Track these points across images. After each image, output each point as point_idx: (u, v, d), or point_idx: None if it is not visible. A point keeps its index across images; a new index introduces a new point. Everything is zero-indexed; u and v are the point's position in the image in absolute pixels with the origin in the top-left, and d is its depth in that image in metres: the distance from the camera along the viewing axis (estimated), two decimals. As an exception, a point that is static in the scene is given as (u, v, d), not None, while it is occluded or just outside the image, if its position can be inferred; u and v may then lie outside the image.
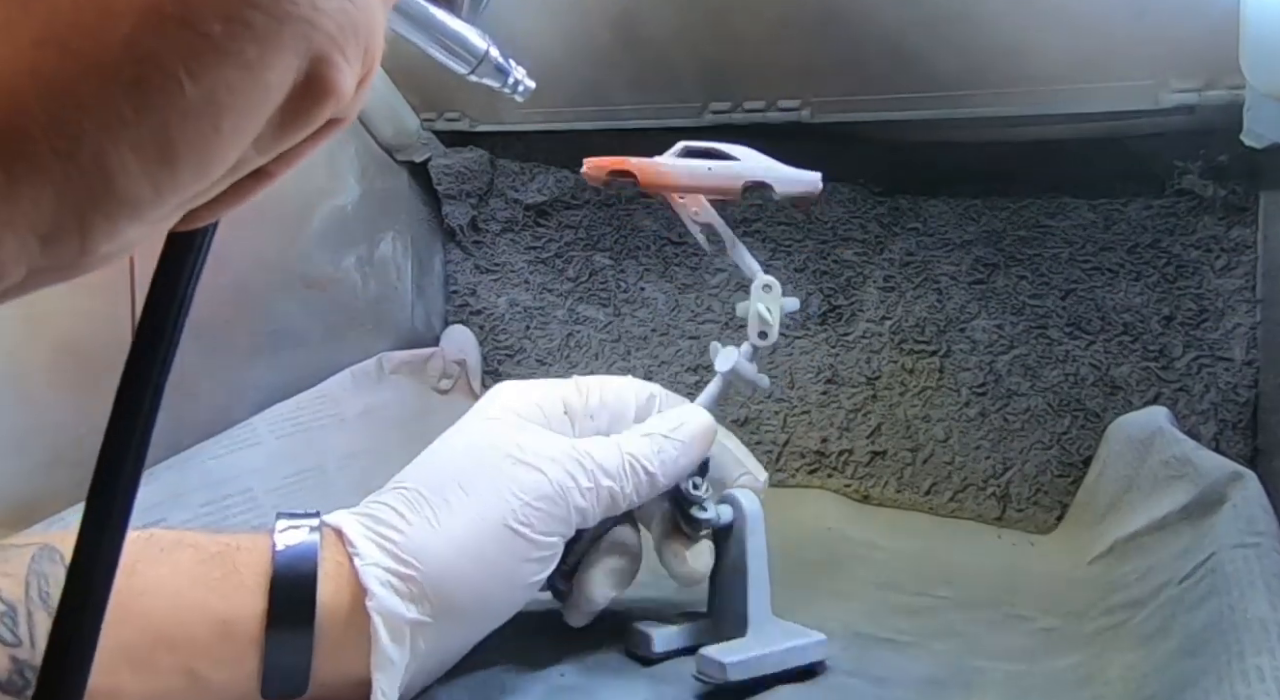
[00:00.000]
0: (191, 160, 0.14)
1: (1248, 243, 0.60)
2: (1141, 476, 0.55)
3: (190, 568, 0.36)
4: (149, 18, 0.13)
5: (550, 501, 0.41)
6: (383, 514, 0.40)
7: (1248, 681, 0.34)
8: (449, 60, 0.32)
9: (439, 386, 0.75)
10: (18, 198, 0.13)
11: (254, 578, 0.37)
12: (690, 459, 0.46)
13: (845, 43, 0.60)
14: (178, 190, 0.14)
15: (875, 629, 0.49)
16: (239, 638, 0.36)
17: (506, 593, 0.42)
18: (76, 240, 0.14)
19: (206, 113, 0.14)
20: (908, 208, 0.70)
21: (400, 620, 0.38)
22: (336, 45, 0.15)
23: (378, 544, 0.39)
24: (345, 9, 0.15)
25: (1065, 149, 0.65)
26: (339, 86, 0.15)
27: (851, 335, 0.70)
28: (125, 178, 0.14)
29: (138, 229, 0.15)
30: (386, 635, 0.37)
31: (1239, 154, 0.56)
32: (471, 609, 0.40)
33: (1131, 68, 0.56)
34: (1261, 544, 0.43)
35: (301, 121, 0.16)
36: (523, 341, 0.80)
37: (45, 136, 0.13)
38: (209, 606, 0.35)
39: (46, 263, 0.14)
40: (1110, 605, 0.49)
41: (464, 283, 0.82)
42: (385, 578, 0.38)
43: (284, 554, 0.37)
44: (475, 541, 0.40)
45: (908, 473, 0.67)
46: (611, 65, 0.66)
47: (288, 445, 0.63)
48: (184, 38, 0.13)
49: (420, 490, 0.41)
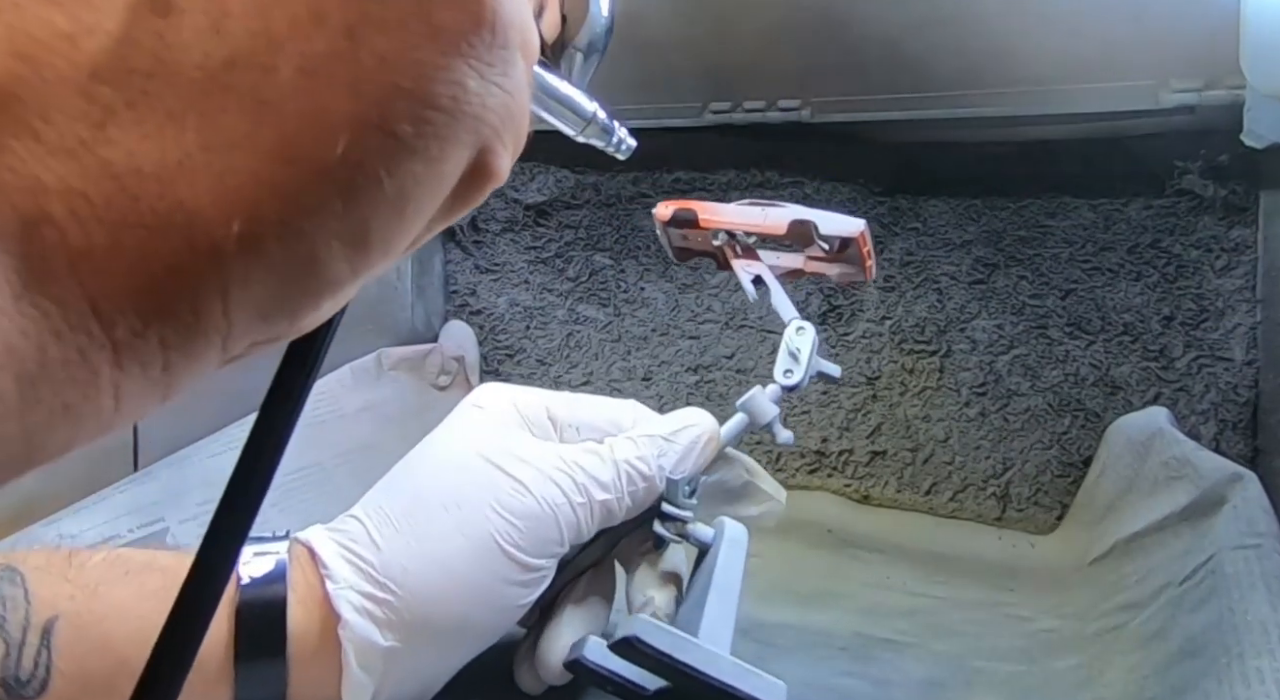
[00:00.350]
0: (382, 243, 0.16)
1: (1248, 243, 0.60)
2: (1141, 477, 0.55)
3: (155, 592, 0.34)
4: (358, 128, 0.15)
5: (538, 521, 0.38)
6: (357, 532, 0.38)
7: (1248, 683, 0.34)
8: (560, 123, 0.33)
9: (438, 382, 0.75)
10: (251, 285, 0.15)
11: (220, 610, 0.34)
12: (691, 466, 0.43)
13: (845, 43, 0.60)
14: (370, 269, 0.17)
15: (875, 629, 0.49)
16: (206, 668, 0.34)
17: (489, 617, 0.39)
18: (289, 318, 0.16)
19: (397, 202, 0.16)
20: (908, 208, 0.70)
21: (374, 648, 0.36)
22: (498, 135, 0.17)
23: (352, 564, 0.37)
24: (507, 103, 0.17)
25: (1065, 149, 0.65)
26: (500, 170, 0.18)
27: (851, 335, 0.70)
28: (331, 263, 0.16)
29: (332, 304, 0.17)
30: (357, 663, 0.35)
31: (1239, 154, 0.56)
32: (450, 635, 0.38)
33: (1131, 68, 0.56)
34: (1262, 545, 0.43)
35: (469, 201, 0.18)
36: (523, 341, 0.80)
37: (275, 236, 0.15)
38: None
39: (263, 337, 0.16)
40: (1110, 606, 0.49)
41: (464, 282, 0.82)
42: (359, 602, 0.36)
43: (250, 586, 0.35)
44: (456, 563, 0.37)
45: (908, 473, 0.67)
46: (611, 65, 0.66)
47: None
48: (383, 142, 0.15)
49: (398, 506, 0.39)
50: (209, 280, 0.14)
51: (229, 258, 0.14)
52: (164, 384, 0.15)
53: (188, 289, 0.14)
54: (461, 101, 0.16)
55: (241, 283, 0.15)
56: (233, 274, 0.14)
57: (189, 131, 0.14)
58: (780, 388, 0.46)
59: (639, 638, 0.35)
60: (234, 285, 0.14)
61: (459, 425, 0.43)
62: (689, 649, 0.35)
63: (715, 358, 0.74)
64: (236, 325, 0.15)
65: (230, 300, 0.15)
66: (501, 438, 0.41)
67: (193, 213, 0.14)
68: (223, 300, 0.15)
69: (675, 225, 0.51)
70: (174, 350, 0.15)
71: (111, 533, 0.53)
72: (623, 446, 0.42)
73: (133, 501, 0.53)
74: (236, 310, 0.15)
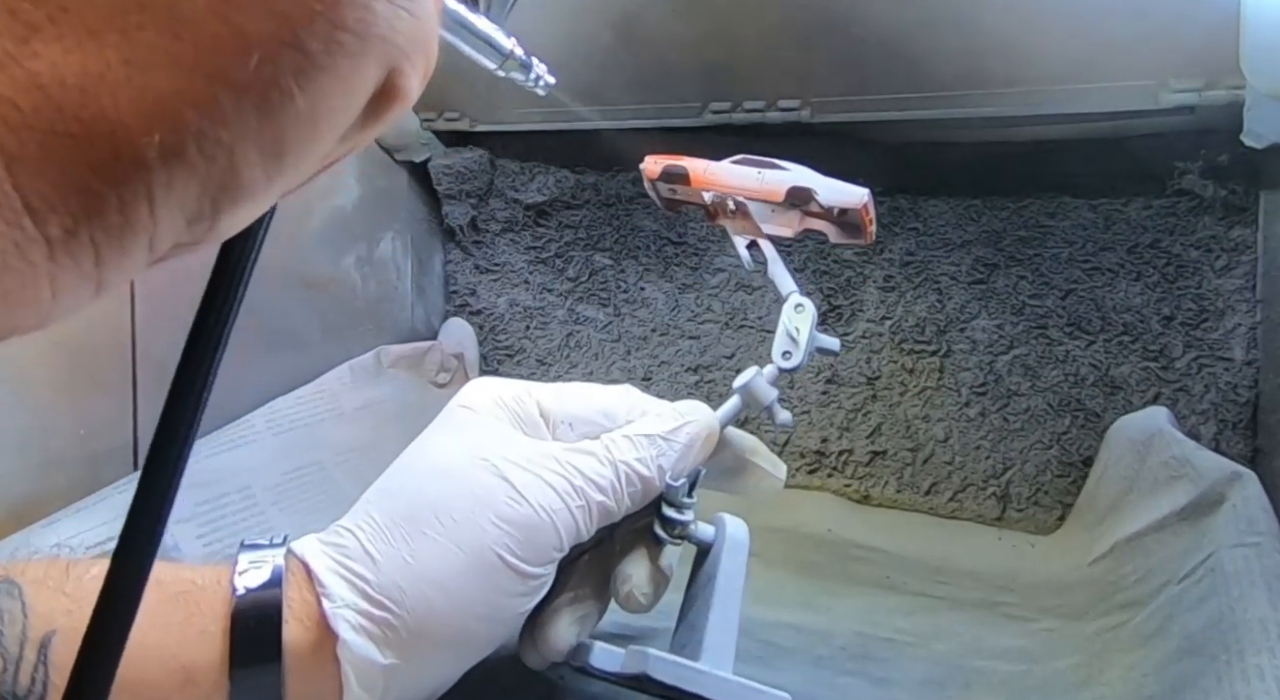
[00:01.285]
0: (296, 156, 0.17)
1: (1248, 243, 0.60)
2: (1142, 477, 0.55)
3: (152, 608, 0.34)
4: (272, 45, 0.16)
5: (536, 529, 0.38)
6: (352, 546, 0.37)
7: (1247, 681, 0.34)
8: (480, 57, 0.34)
9: (437, 380, 0.75)
10: (175, 190, 0.16)
11: (215, 622, 0.34)
12: (690, 463, 0.42)
13: (845, 43, 0.60)
14: (285, 180, 0.18)
15: (875, 629, 0.49)
16: (201, 684, 0.33)
17: (489, 629, 0.38)
18: (210, 220, 0.17)
19: (309, 117, 0.17)
20: (908, 208, 0.70)
21: (373, 667, 0.35)
22: (407, 57, 0.18)
23: (348, 581, 0.36)
24: (414, 28, 0.18)
25: (1065, 149, 0.65)
26: (408, 91, 0.19)
27: (851, 335, 0.70)
28: (249, 172, 0.17)
29: (251, 210, 0.18)
30: (357, 682, 0.35)
31: (1239, 154, 0.56)
32: (450, 649, 0.37)
33: (1131, 68, 0.56)
34: (1261, 544, 0.43)
35: (378, 119, 0.19)
36: (523, 341, 0.80)
37: (197, 144, 0.16)
38: (169, 653, 0.33)
39: (187, 239, 0.17)
40: (1110, 606, 0.49)
41: (464, 283, 0.82)
42: (357, 621, 0.35)
43: (245, 598, 0.35)
44: (454, 579, 0.36)
45: (908, 473, 0.67)
46: (611, 65, 0.66)
47: (286, 441, 0.62)
48: (295, 59, 0.16)
49: (391, 518, 0.38)
50: (134, 185, 0.15)
51: (153, 165, 0.15)
52: (96, 278, 0.16)
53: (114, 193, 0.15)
54: (370, 24, 0.17)
55: (165, 187, 0.16)
56: (156, 180, 0.16)
57: (109, 48, 0.15)
58: (778, 369, 0.44)
59: (649, 676, 0.36)
60: (158, 189, 0.16)
61: (449, 428, 0.42)
62: (697, 679, 0.36)
63: (715, 358, 0.74)
64: (162, 226, 0.16)
65: (155, 203, 0.16)
66: (493, 440, 0.40)
67: (115, 123, 0.15)
68: (149, 203, 0.16)
69: (665, 180, 0.48)
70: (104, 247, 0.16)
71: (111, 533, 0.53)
72: (621, 446, 0.41)
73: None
74: (162, 212, 0.16)
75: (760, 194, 0.45)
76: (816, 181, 0.45)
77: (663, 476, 0.41)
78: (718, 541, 0.42)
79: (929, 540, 0.62)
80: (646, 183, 0.49)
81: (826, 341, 0.45)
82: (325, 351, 0.70)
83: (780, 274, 0.46)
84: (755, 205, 0.46)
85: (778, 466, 0.46)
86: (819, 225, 0.45)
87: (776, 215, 0.46)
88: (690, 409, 0.43)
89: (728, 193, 0.46)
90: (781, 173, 0.45)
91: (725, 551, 0.41)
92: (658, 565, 0.42)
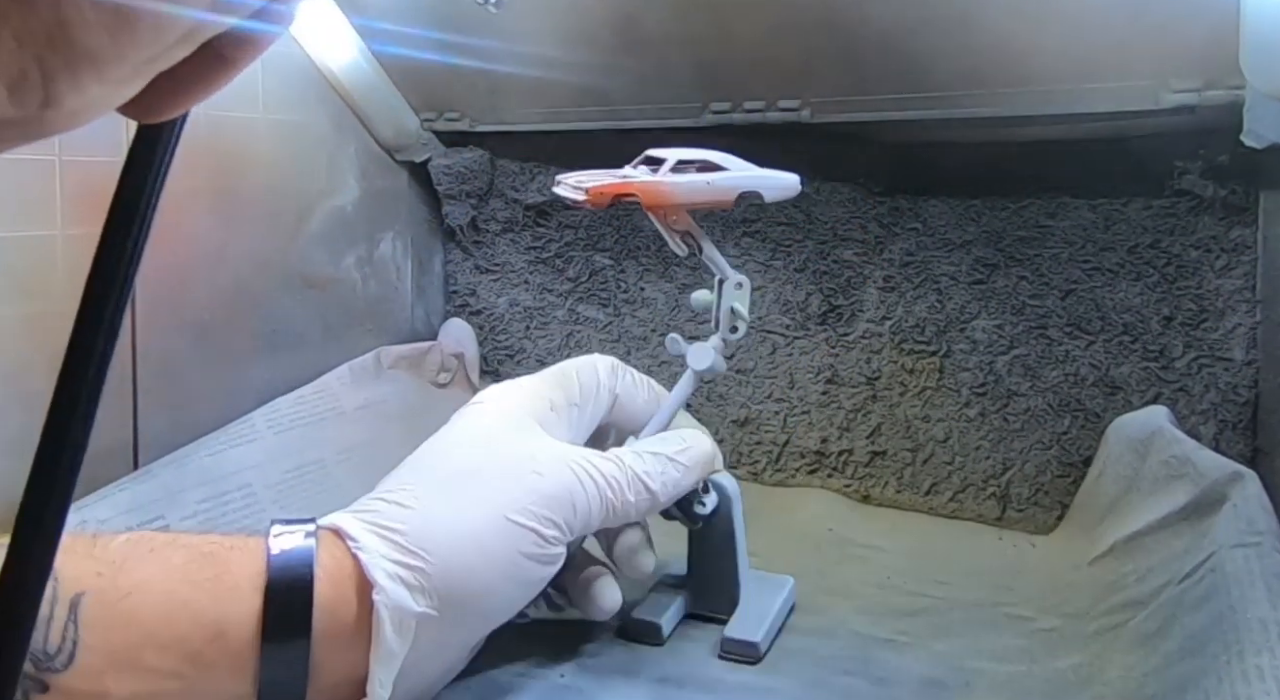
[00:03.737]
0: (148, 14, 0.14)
1: (1248, 243, 0.60)
2: (1141, 477, 0.55)
3: (181, 567, 0.35)
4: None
5: (558, 502, 0.41)
6: (382, 508, 0.39)
7: (1248, 681, 0.34)
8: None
9: (437, 380, 0.75)
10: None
11: (248, 579, 0.35)
12: (691, 482, 0.47)
13: (845, 43, 0.60)
14: (136, 45, 0.15)
15: (875, 629, 0.49)
16: (232, 641, 0.34)
17: (512, 590, 0.41)
18: (40, 89, 0.14)
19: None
20: (908, 208, 0.70)
21: (408, 613, 0.37)
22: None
23: (381, 536, 0.38)
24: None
25: (1065, 149, 0.65)
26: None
27: (851, 335, 0.70)
28: (83, 27, 0.14)
29: (100, 88, 0.15)
30: (391, 628, 0.36)
31: (1239, 154, 0.56)
32: (477, 603, 0.39)
33: (1131, 68, 0.56)
34: (1262, 543, 0.43)
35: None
36: (523, 341, 0.80)
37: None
38: (200, 608, 0.34)
39: (14, 113, 0.14)
40: (1111, 606, 0.49)
41: (464, 283, 0.82)
42: (393, 569, 0.37)
43: (279, 556, 0.36)
44: (484, 536, 0.39)
45: (908, 473, 0.67)
46: (611, 65, 0.66)
47: (286, 440, 0.63)
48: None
49: (423, 483, 0.40)
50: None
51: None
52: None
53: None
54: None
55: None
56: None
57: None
58: (723, 342, 0.49)
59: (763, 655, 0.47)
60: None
61: (475, 415, 0.45)
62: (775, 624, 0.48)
63: (715, 358, 0.74)
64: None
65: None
66: (521, 429, 0.44)
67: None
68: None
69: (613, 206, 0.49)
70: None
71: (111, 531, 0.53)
72: (632, 459, 0.45)
73: (132, 500, 0.53)
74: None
75: (711, 203, 0.47)
76: (758, 181, 0.47)
77: (666, 491, 0.45)
78: (723, 504, 0.49)
79: (929, 540, 0.62)
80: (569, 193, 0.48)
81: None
82: (325, 351, 0.70)
83: (716, 258, 0.49)
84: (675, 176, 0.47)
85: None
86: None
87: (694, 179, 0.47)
88: (692, 436, 0.48)
89: (682, 208, 0.47)
90: (725, 175, 0.47)
91: (734, 512, 0.49)
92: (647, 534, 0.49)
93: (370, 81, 0.72)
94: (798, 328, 0.72)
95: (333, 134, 0.72)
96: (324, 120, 0.71)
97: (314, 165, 0.70)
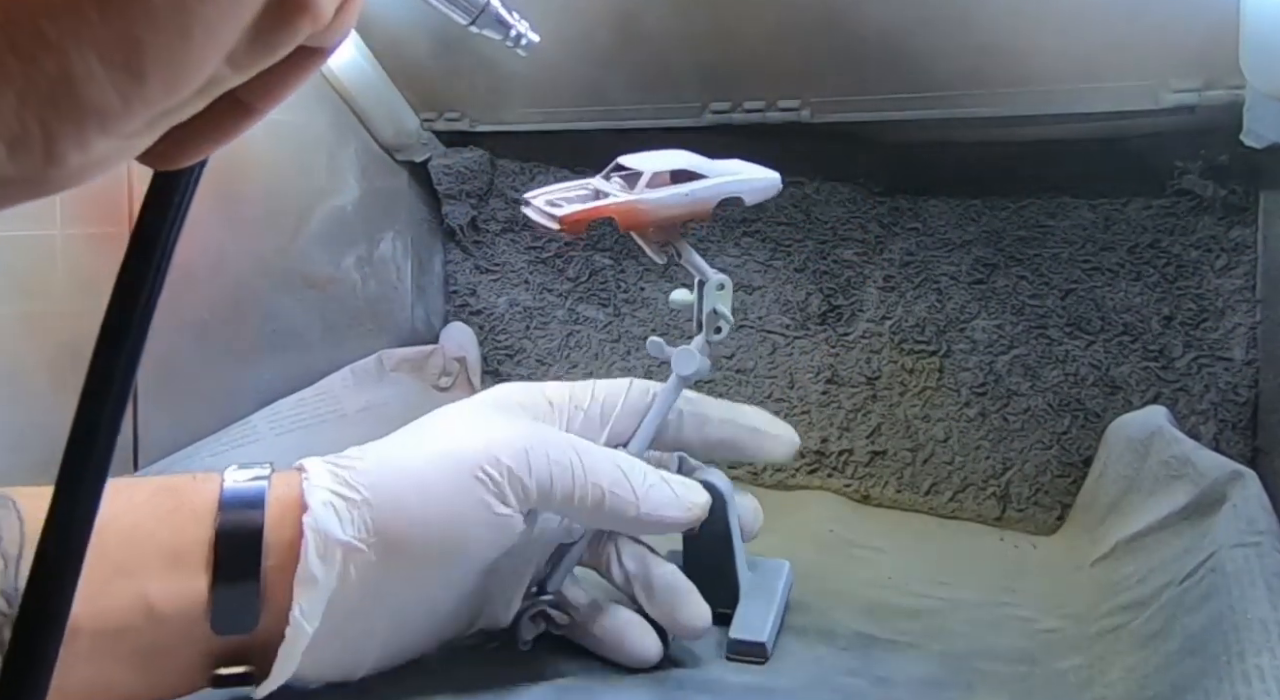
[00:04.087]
0: (160, 69, 0.14)
1: (1248, 243, 0.60)
2: (1142, 477, 0.55)
3: (143, 501, 0.37)
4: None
5: (510, 451, 0.39)
6: (349, 453, 0.41)
7: (1248, 681, 0.34)
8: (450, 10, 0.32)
9: (439, 383, 0.75)
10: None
11: (204, 508, 0.37)
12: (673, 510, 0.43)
13: (845, 43, 0.60)
14: (147, 102, 0.14)
15: (875, 629, 0.49)
16: (188, 566, 0.36)
17: (453, 540, 0.39)
18: (41, 147, 0.14)
19: (175, 18, 0.13)
20: (908, 208, 0.70)
21: (332, 540, 0.37)
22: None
23: (331, 472, 0.39)
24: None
25: (1065, 149, 0.65)
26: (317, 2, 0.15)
27: (851, 335, 0.70)
28: (90, 83, 0.13)
29: (108, 142, 0.14)
30: (314, 551, 0.37)
31: (1239, 154, 0.56)
32: (413, 546, 0.38)
33: (1131, 68, 0.56)
34: (1262, 543, 0.43)
35: (277, 38, 0.15)
36: (523, 341, 0.80)
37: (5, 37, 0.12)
38: (159, 537, 0.36)
39: (14, 172, 0.14)
40: (1112, 607, 0.49)
41: (464, 283, 0.82)
42: (328, 498, 0.38)
43: (232, 488, 0.38)
44: (425, 473, 0.39)
45: (908, 473, 0.67)
46: (611, 65, 0.66)
47: (287, 442, 0.63)
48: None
49: (393, 438, 0.42)
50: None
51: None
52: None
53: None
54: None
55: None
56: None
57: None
58: (707, 343, 0.48)
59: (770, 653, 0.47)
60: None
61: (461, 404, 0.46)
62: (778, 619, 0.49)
63: (715, 358, 0.74)
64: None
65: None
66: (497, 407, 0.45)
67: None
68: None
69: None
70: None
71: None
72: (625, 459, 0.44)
73: (133, 501, 0.53)
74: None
75: (690, 215, 0.46)
76: (738, 185, 0.46)
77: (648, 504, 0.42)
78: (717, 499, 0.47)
79: (929, 540, 0.62)
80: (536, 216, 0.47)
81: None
82: (325, 352, 0.70)
83: (695, 261, 0.48)
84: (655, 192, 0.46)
85: (789, 432, 0.51)
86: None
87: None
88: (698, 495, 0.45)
89: (663, 223, 0.46)
90: (704, 185, 0.45)
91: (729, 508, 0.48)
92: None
93: (370, 81, 0.72)
94: (798, 328, 0.72)
95: (332, 134, 0.72)
96: (323, 120, 0.71)
97: (314, 165, 0.70)
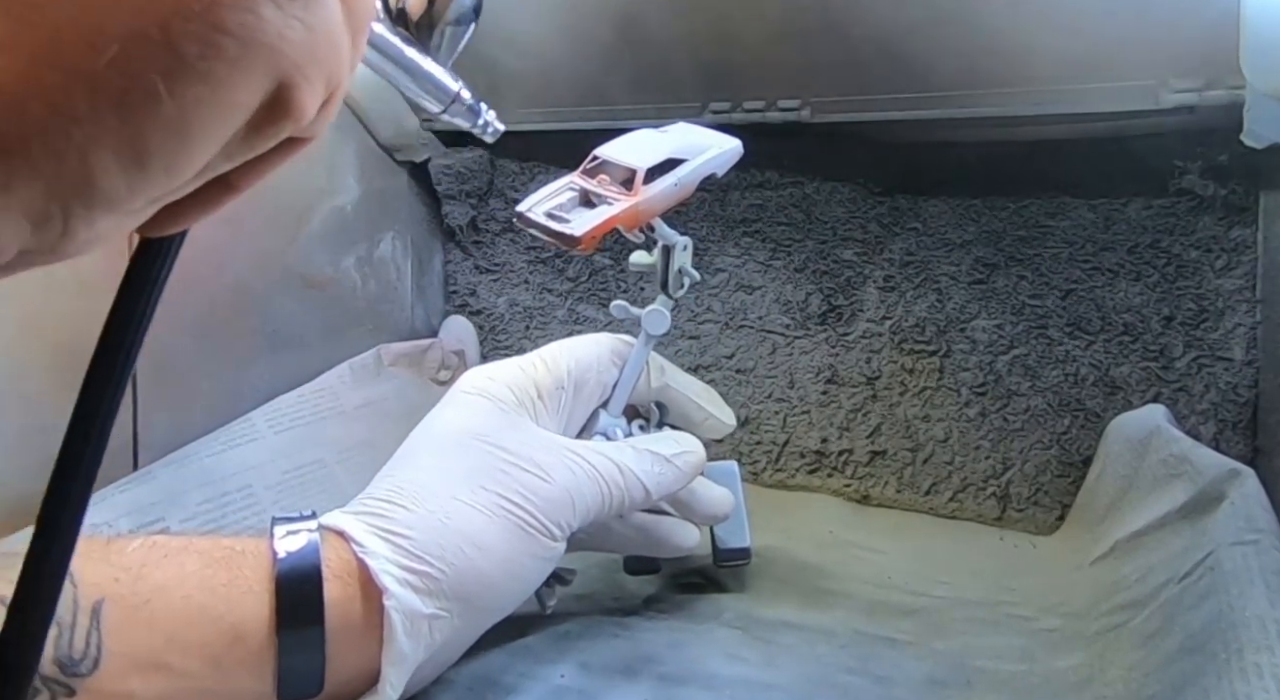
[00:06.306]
0: (162, 163, 0.16)
1: (1248, 243, 0.61)
2: (1141, 476, 0.55)
3: (196, 572, 0.36)
4: (136, 41, 0.15)
5: (559, 506, 0.43)
6: (385, 511, 0.40)
7: (1246, 679, 0.34)
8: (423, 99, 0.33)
9: (438, 378, 0.75)
10: (15, 189, 0.15)
11: (260, 583, 0.37)
12: (681, 485, 0.48)
13: (845, 43, 0.60)
14: (149, 189, 0.16)
15: (875, 629, 0.49)
16: (249, 642, 0.36)
17: (517, 587, 0.43)
18: (60, 226, 0.16)
19: (179, 123, 0.16)
20: (908, 208, 0.70)
21: (418, 616, 0.38)
22: (300, 71, 0.17)
23: (387, 541, 0.39)
24: (310, 40, 0.17)
25: (1065, 149, 0.65)
26: (301, 107, 0.17)
27: (851, 335, 0.70)
28: (104, 176, 0.16)
29: (112, 220, 0.17)
30: (403, 631, 0.37)
31: (1239, 154, 0.56)
32: (484, 602, 0.42)
33: (1131, 68, 0.56)
34: (1260, 541, 0.43)
35: (265, 135, 0.18)
36: (523, 341, 0.80)
37: (42, 140, 0.15)
38: (218, 613, 0.36)
39: (34, 245, 0.16)
40: (1111, 606, 0.49)
41: (464, 283, 0.82)
42: (402, 576, 0.38)
43: (286, 560, 0.37)
44: (491, 540, 0.41)
45: (908, 473, 0.67)
46: (611, 65, 0.66)
47: (286, 440, 0.62)
48: (164, 58, 0.15)
49: (421, 487, 0.41)
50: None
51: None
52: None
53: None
54: (255, 29, 0.16)
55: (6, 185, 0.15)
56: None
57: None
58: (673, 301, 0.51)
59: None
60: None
61: (463, 410, 0.46)
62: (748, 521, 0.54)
63: (715, 358, 0.74)
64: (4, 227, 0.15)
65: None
66: (510, 427, 0.45)
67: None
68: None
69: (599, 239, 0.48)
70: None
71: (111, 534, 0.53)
72: (631, 458, 0.46)
73: (133, 501, 0.53)
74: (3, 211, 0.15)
75: (679, 199, 0.48)
76: (712, 163, 0.48)
77: (658, 490, 0.47)
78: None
79: (929, 540, 0.62)
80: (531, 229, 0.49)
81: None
82: (325, 351, 0.70)
83: (663, 229, 0.50)
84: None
85: (725, 413, 0.54)
86: None
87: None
88: (687, 440, 0.50)
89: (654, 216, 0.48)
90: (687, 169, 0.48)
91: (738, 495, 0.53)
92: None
93: (370, 81, 0.71)
94: (798, 327, 0.72)
95: (332, 134, 0.72)
96: (324, 120, 0.71)
97: (313, 165, 0.70)
